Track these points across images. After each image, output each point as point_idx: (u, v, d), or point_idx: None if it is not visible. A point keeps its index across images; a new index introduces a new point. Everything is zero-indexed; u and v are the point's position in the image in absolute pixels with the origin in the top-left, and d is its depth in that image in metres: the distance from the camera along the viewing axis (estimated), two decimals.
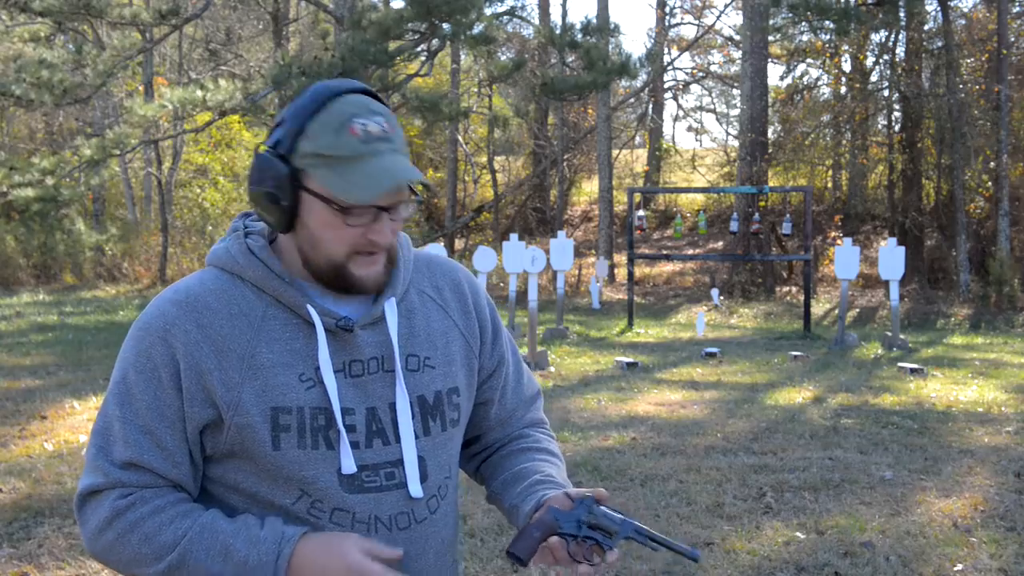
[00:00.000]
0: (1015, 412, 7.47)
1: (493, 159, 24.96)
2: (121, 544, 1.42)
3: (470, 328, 1.62)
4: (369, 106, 1.43)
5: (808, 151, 19.95)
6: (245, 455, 1.43)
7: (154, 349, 1.43)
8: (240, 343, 1.43)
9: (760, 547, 4.41)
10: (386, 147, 1.41)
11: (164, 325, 1.43)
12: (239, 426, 1.41)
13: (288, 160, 1.41)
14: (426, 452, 1.51)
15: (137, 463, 1.42)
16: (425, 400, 1.52)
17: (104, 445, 1.44)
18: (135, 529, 1.41)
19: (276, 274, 1.46)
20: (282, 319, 1.45)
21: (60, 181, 13.04)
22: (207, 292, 1.46)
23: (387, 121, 1.43)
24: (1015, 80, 17.34)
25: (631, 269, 14.26)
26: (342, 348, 1.46)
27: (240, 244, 1.49)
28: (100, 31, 19.66)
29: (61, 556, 4.28)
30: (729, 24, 43.56)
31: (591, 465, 5.79)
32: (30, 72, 12.24)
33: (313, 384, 1.44)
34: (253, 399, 1.41)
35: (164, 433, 1.42)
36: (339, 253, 1.43)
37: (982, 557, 4.27)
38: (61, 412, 7.43)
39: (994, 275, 15.23)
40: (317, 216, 1.42)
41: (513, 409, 1.71)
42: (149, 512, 1.41)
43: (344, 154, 1.39)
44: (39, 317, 14.36)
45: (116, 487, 1.43)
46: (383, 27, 13.11)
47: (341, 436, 1.44)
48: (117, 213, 24.16)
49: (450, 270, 1.66)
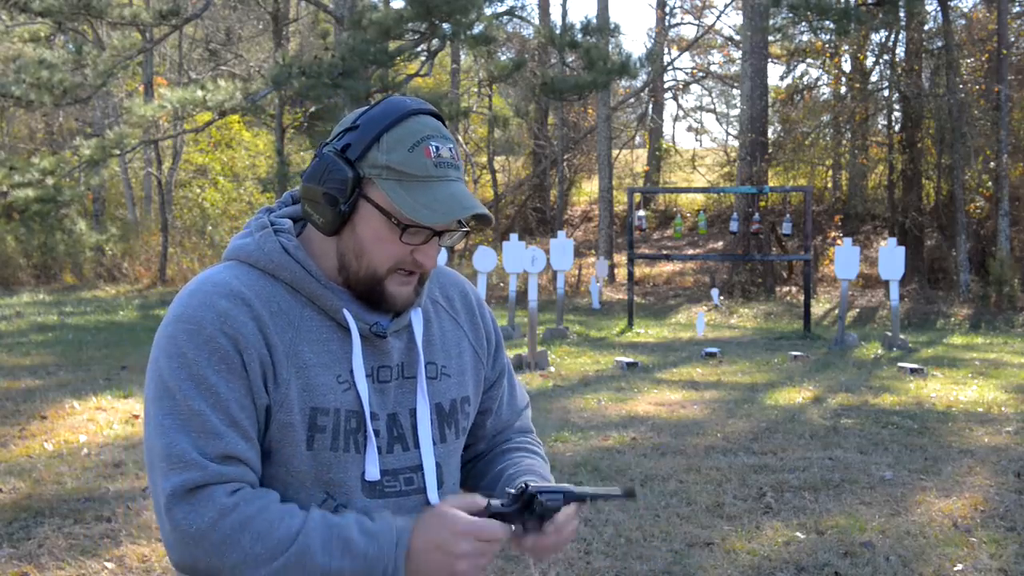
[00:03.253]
0: (1015, 412, 7.47)
1: (493, 159, 24.96)
2: (229, 545, 1.32)
3: (478, 339, 1.65)
4: (441, 131, 1.45)
5: (808, 151, 19.96)
6: (280, 455, 1.42)
7: (215, 342, 1.37)
8: (284, 341, 1.42)
9: (760, 547, 4.41)
10: (455, 174, 1.43)
11: (219, 317, 1.39)
12: (281, 423, 1.41)
13: (354, 166, 1.42)
14: (442, 459, 1.54)
15: (234, 455, 1.36)
16: (442, 408, 1.55)
17: (192, 440, 1.34)
18: (245, 528, 1.32)
19: (313, 277, 1.45)
20: (318, 320, 1.46)
21: (60, 181, 13.04)
22: (246, 287, 1.43)
23: (455, 149, 1.46)
24: (1015, 80, 17.33)
25: (631, 269, 14.26)
26: (373, 354, 1.48)
27: (274, 242, 1.47)
28: (100, 31, 19.65)
29: (61, 556, 4.27)
30: (729, 24, 43.57)
31: (591, 465, 5.79)
32: (30, 72, 12.24)
33: (349, 387, 1.44)
34: (296, 397, 1.41)
35: (247, 424, 1.38)
36: (383, 267, 1.44)
37: (982, 557, 4.27)
38: (61, 412, 7.43)
39: (994, 275, 15.23)
40: (372, 227, 1.43)
41: (508, 420, 1.74)
42: (257, 510, 1.34)
43: (416, 173, 1.40)
44: (39, 317, 14.36)
45: (220, 482, 1.34)
46: (383, 27, 13.12)
47: (369, 440, 1.45)
48: (117, 213, 24.16)
49: (457, 281, 1.68)
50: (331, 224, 1.44)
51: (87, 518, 4.79)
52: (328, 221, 1.44)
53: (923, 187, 18.32)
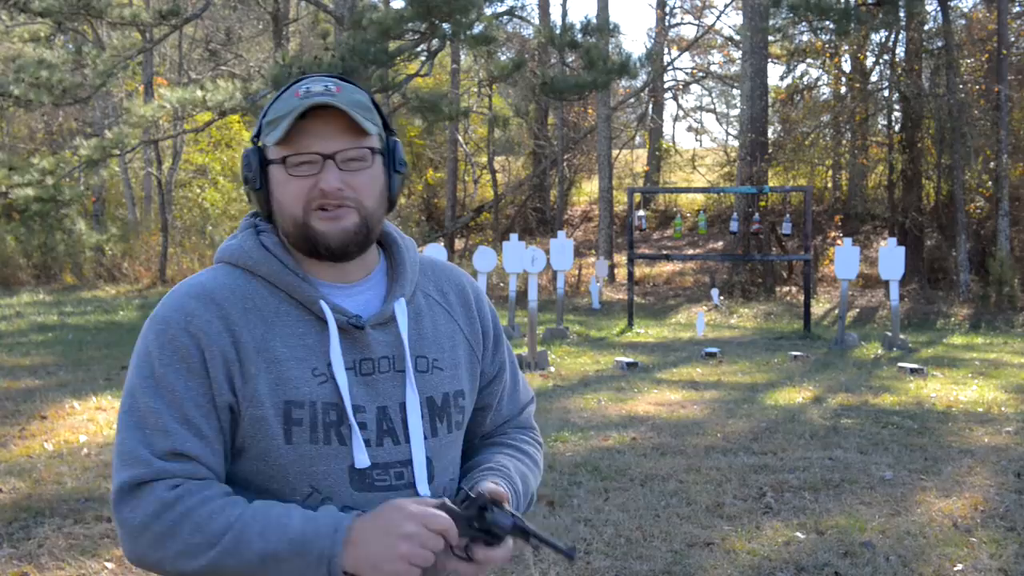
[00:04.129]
0: (1015, 412, 7.47)
1: (493, 159, 24.95)
2: (170, 537, 1.35)
3: (474, 333, 1.63)
4: (324, 80, 1.47)
5: (808, 151, 19.94)
6: (257, 450, 1.43)
7: (178, 340, 1.41)
8: (255, 337, 1.43)
9: (760, 547, 4.41)
10: (324, 100, 1.42)
11: (185, 317, 1.43)
12: (253, 418, 1.41)
13: (257, 145, 1.48)
14: (433, 453, 1.51)
15: (181, 452, 1.38)
16: (434, 401, 1.53)
17: (143, 437, 1.38)
18: (185, 520, 1.35)
19: (290, 269, 1.47)
20: (295, 315, 1.46)
21: (60, 181, 13.05)
22: (221, 287, 1.46)
23: (336, 84, 1.46)
24: (1015, 80, 17.33)
25: (631, 269, 14.26)
26: (353, 346, 1.47)
27: (253, 240, 1.50)
28: (100, 31, 19.66)
29: (61, 556, 4.27)
30: (729, 24, 43.59)
31: (591, 465, 5.79)
32: (30, 72, 12.25)
33: (325, 379, 1.44)
34: (267, 391, 1.41)
35: (201, 421, 1.40)
36: (297, 208, 1.45)
37: (982, 557, 4.27)
38: (61, 412, 7.43)
39: (994, 275, 15.23)
40: (275, 181, 1.47)
41: (508, 415, 1.72)
42: (198, 502, 1.36)
43: (283, 112, 1.44)
44: (39, 317, 14.36)
45: (162, 478, 1.37)
46: (383, 27, 13.11)
47: (353, 430, 1.44)
48: (117, 213, 24.16)
49: (455, 275, 1.67)
50: (261, 205, 1.49)
51: (87, 518, 4.80)
52: (260, 205, 1.50)
53: (923, 187, 18.31)
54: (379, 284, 1.56)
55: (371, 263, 1.56)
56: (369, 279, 1.55)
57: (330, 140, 1.43)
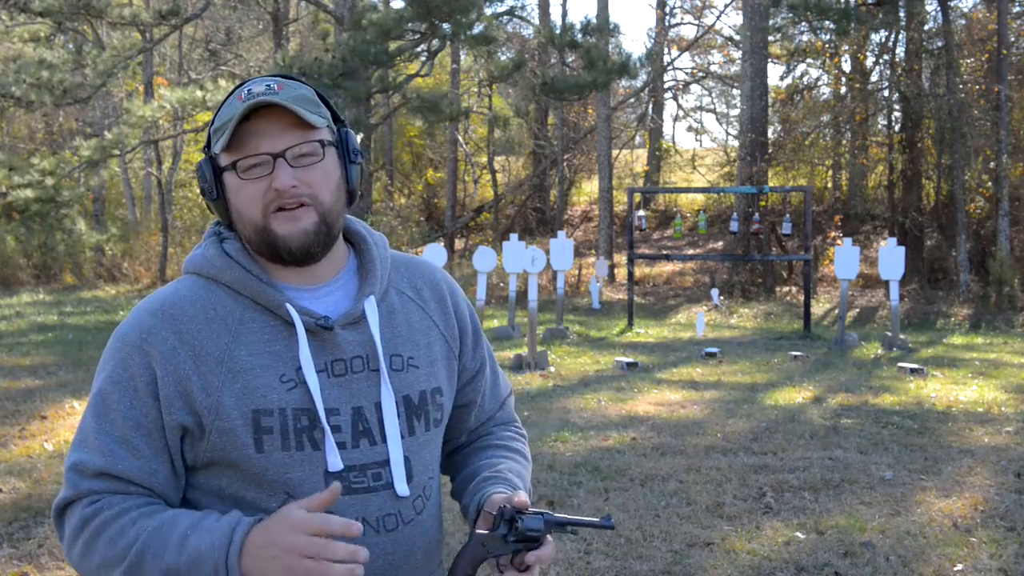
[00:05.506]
0: (1015, 412, 7.47)
1: (493, 159, 24.96)
2: (90, 551, 1.38)
3: (450, 329, 1.61)
4: (265, 80, 1.45)
5: (808, 151, 19.95)
6: (228, 461, 1.41)
7: (131, 359, 1.41)
8: (218, 347, 1.41)
9: (760, 547, 4.41)
10: (268, 99, 1.41)
11: (140, 334, 1.42)
12: (220, 431, 1.39)
13: (208, 154, 1.47)
14: (411, 452, 1.50)
15: (109, 472, 1.39)
16: (410, 400, 1.51)
17: (78, 459, 1.41)
18: (101, 533, 1.37)
19: (254, 275, 1.45)
20: (261, 321, 1.44)
21: (60, 181, 13.05)
22: (182, 299, 1.45)
23: (278, 83, 1.45)
24: (1015, 80, 17.33)
25: (631, 269, 14.26)
26: (323, 347, 1.45)
27: (216, 248, 1.48)
28: (100, 31, 19.66)
29: (61, 556, 4.27)
30: (729, 24, 43.58)
31: (591, 465, 5.79)
32: (30, 72, 12.25)
33: (295, 385, 1.42)
34: (233, 402, 1.39)
35: (140, 442, 1.39)
36: (255, 213, 1.43)
37: (982, 557, 4.27)
38: (61, 412, 7.43)
39: (994, 275, 15.23)
40: (229, 189, 1.45)
41: (491, 410, 1.72)
42: (114, 515, 1.37)
43: (227, 118, 1.42)
44: (39, 317, 14.36)
45: (86, 496, 1.40)
46: (383, 27, 13.12)
47: (326, 434, 1.42)
48: (117, 213, 24.18)
49: (428, 271, 1.65)
50: (221, 214, 1.49)
51: None
52: (220, 214, 1.49)
53: (923, 187, 18.31)
54: (349, 283, 1.53)
55: (339, 263, 1.53)
56: (338, 279, 1.52)
57: (277, 138, 1.41)
